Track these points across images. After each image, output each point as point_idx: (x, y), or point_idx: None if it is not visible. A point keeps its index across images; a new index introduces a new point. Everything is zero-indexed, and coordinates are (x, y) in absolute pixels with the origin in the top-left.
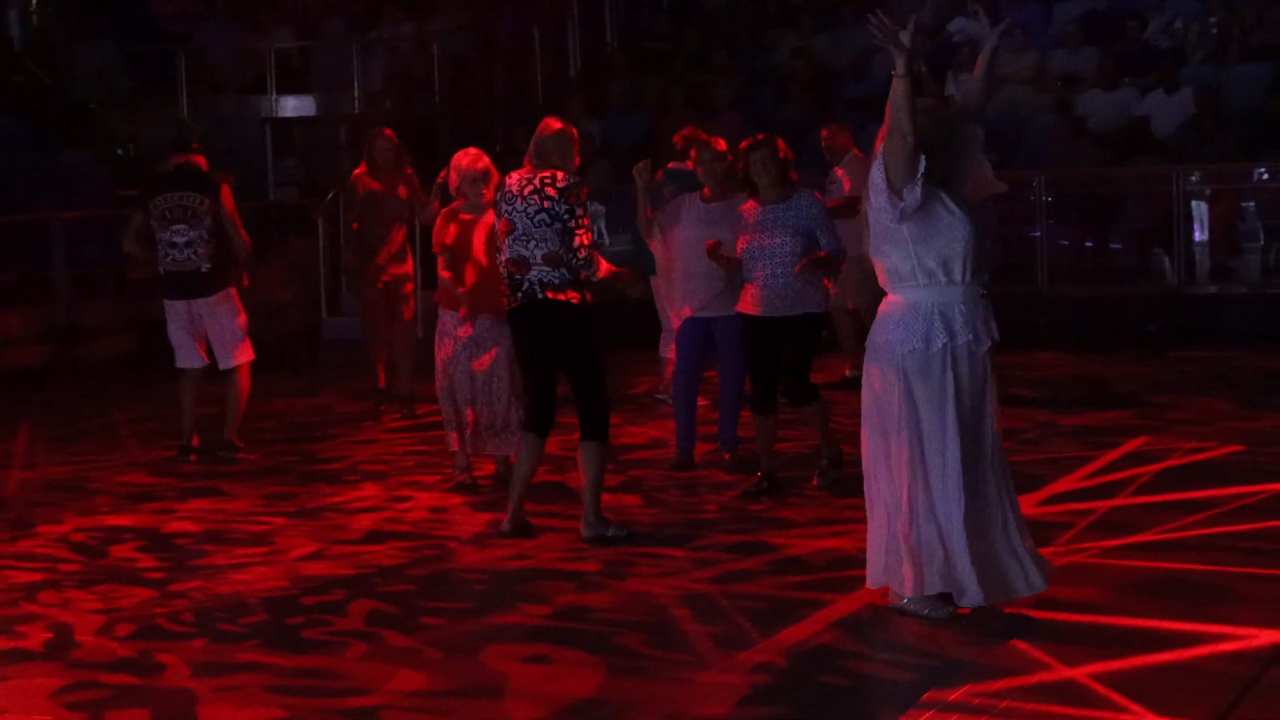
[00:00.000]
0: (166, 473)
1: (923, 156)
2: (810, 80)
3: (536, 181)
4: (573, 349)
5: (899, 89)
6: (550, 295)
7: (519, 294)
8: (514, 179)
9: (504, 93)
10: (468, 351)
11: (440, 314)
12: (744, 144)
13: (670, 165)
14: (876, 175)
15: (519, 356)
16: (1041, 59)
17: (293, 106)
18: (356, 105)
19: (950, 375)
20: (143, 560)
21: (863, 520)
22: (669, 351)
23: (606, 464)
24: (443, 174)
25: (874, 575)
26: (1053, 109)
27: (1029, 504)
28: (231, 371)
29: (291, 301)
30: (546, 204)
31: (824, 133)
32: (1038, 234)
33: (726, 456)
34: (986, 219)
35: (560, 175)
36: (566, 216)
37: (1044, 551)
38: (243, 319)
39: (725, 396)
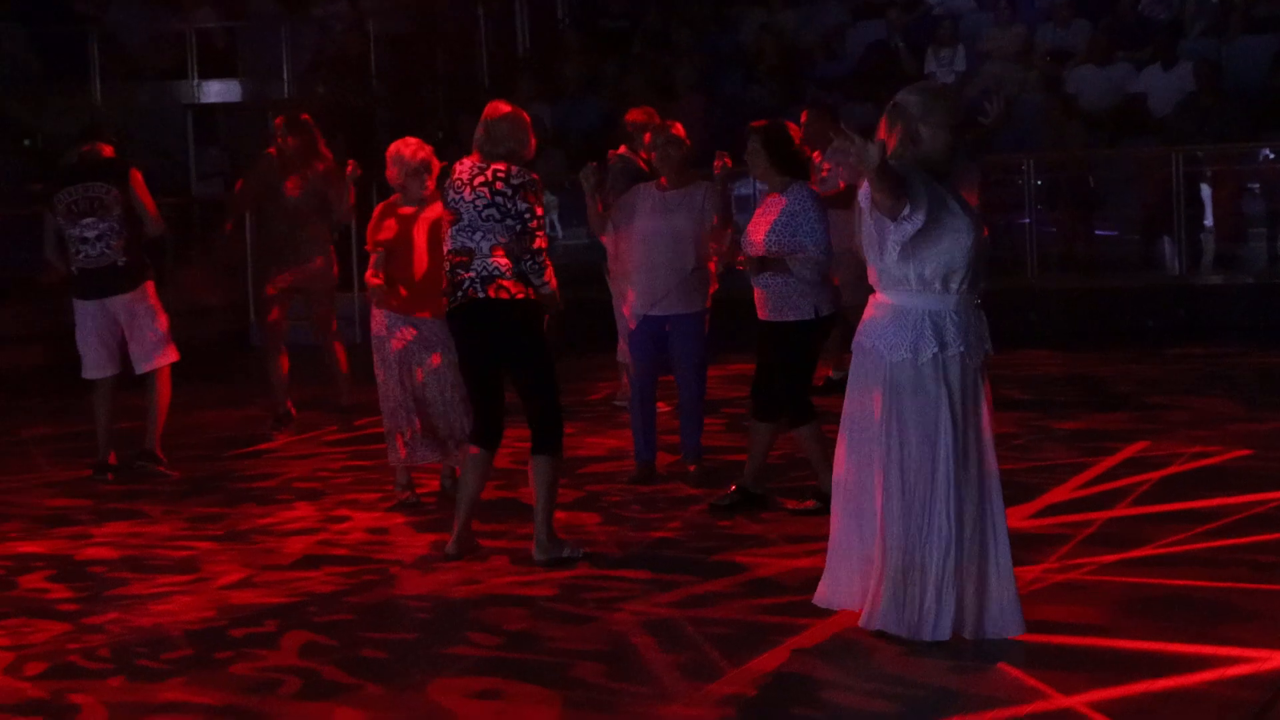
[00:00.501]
0: (81, 494)
1: (913, 211)
2: (779, 60)
3: (488, 174)
4: (519, 352)
5: (875, 190)
6: (493, 294)
7: (459, 293)
8: (464, 166)
9: (446, 75)
10: (411, 356)
11: (374, 317)
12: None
13: (622, 150)
14: (864, 201)
15: (460, 362)
16: (1029, 32)
17: (217, 92)
18: (286, 90)
19: (943, 388)
20: (55, 591)
21: None
22: (627, 355)
23: (560, 479)
24: (351, 166)
25: (836, 597)
26: (1041, 86)
27: (1019, 516)
28: (151, 376)
29: (217, 304)
30: (497, 199)
31: (802, 117)
32: (1026, 222)
33: (691, 468)
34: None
35: (514, 169)
36: (526, 215)
37: (1037, 569)
38: (164, 318)
39: (685, 403)
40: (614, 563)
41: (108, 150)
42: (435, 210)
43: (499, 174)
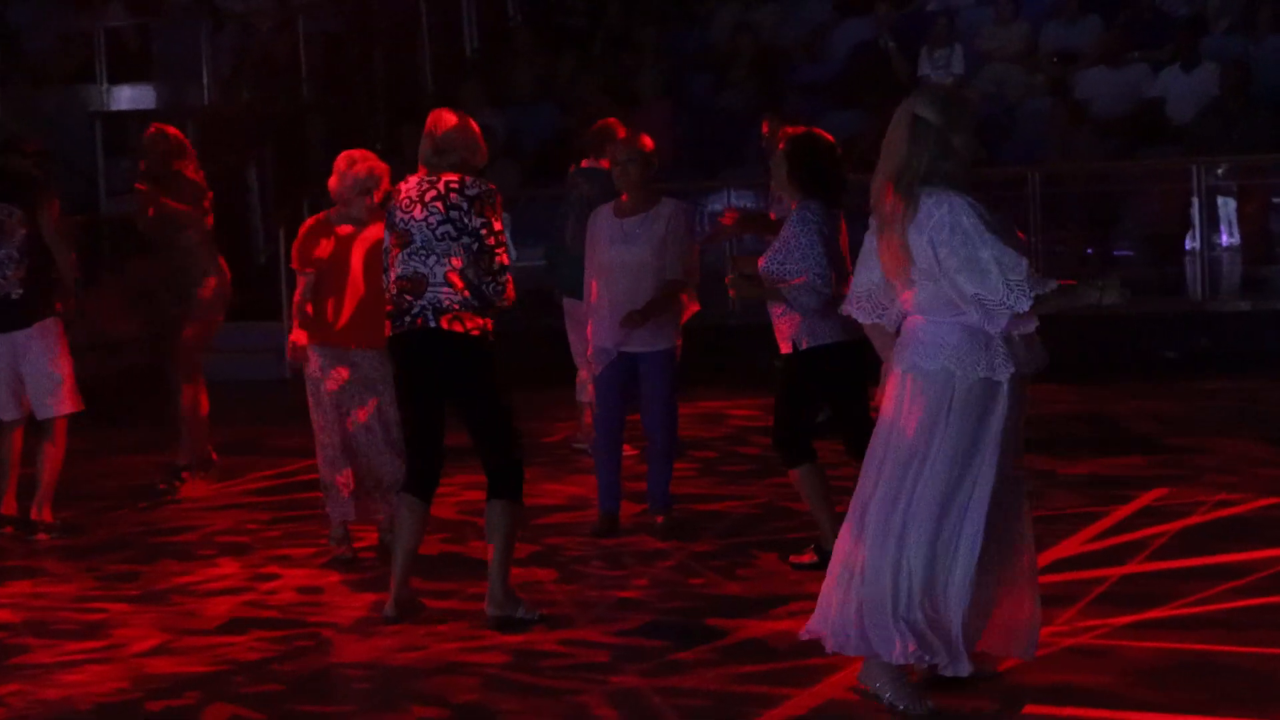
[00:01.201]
0: None
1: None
2: (755, 62)
3: (440, 186)
4: (470, 392)
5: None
6: (445, 324)
7: (405, 319)
8: (410, 184)
9: (386, 80)
10: (347, 395)
11: (309, 352)
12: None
13: (584, 164)
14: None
15: (399, 396)
16: (1033, 30)
17: (129, 98)
18: (206, 96)
19: (1001, 410)
20: None
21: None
22: (585, 394)
23: (519, 528)
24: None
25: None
26: (1048, 91)
27: None
28: (46, 426)
29: (131, 335)
30: (453, 213)
31: (763, 127)
32: (1030, 241)
33: (659, 519)
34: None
35: (469, 179)
36: (482, 230)
37: (1044, 631)
38: (65, 361)
39: (654, 447)
40: (574, 626)
41: (22, 164)
42: (376, 231)
43: (451, 185)
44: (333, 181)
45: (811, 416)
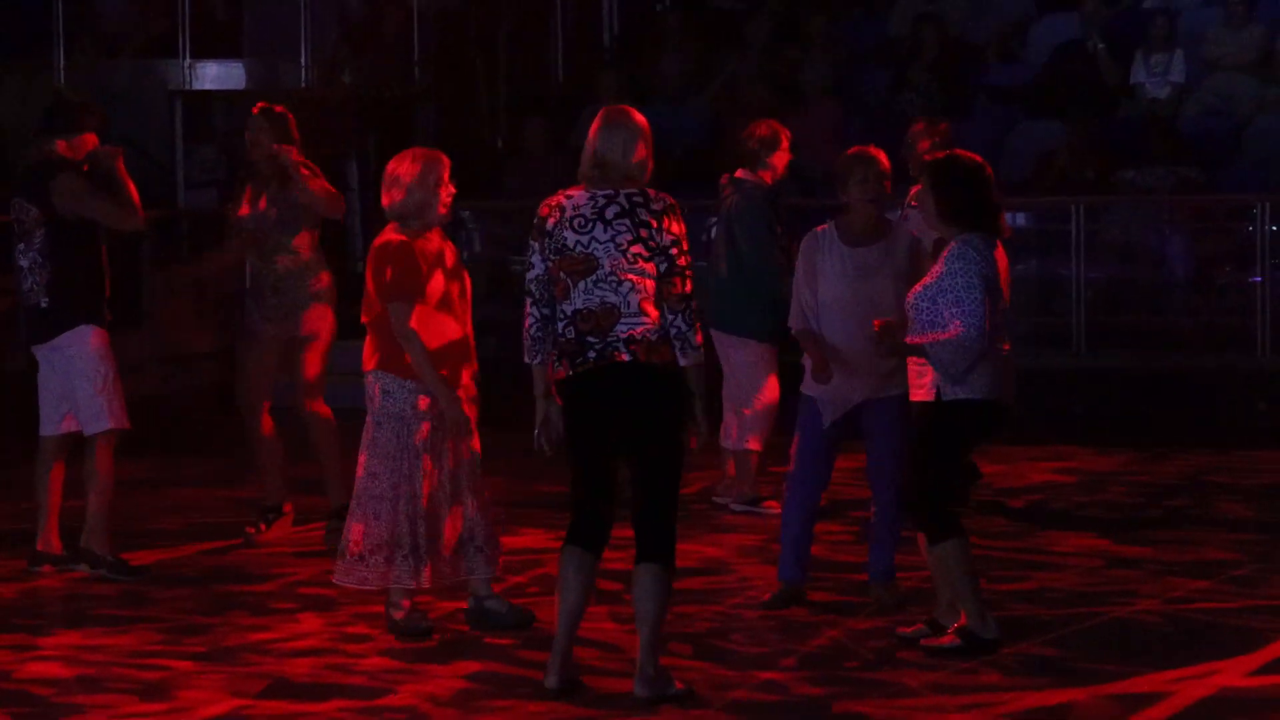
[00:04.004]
0: (22, 591)
1: None
2: (940, 59)
3: (623, 200)
4: (655, 435)
5: None
6: (644, 357)
7: (590, 355)
8: (579, 198)
9: (510, 66)
10: (438, 437)
11: (377, 386)
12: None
13: (738, 174)
14: None
15: (572, 440)
16: (1270, 36)
17: (214, 76)
18: (304, 77)
19: None
20: None
21: (1006, 689)
22: (730, 440)
23: (671, 596)
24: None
25: None
26: None
27: (1238, 671)
28: (90, 446)
29: (205, 349)
30: (642, 231)
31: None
32: (1256, 280)
33: (878, 592)
34: None
35: (651, 192)
36: (672, 249)
37: None
38: (105, 370)
39: (881, 509)
40: (709, 707)
41: (60, 148)
42: (429, 245)
43: (635, 199)
44: (396, 194)
45: (957, 478)
